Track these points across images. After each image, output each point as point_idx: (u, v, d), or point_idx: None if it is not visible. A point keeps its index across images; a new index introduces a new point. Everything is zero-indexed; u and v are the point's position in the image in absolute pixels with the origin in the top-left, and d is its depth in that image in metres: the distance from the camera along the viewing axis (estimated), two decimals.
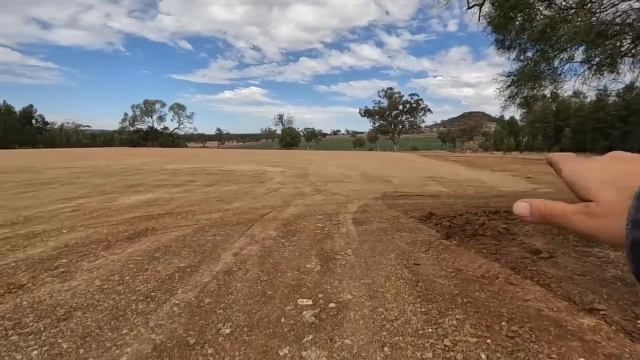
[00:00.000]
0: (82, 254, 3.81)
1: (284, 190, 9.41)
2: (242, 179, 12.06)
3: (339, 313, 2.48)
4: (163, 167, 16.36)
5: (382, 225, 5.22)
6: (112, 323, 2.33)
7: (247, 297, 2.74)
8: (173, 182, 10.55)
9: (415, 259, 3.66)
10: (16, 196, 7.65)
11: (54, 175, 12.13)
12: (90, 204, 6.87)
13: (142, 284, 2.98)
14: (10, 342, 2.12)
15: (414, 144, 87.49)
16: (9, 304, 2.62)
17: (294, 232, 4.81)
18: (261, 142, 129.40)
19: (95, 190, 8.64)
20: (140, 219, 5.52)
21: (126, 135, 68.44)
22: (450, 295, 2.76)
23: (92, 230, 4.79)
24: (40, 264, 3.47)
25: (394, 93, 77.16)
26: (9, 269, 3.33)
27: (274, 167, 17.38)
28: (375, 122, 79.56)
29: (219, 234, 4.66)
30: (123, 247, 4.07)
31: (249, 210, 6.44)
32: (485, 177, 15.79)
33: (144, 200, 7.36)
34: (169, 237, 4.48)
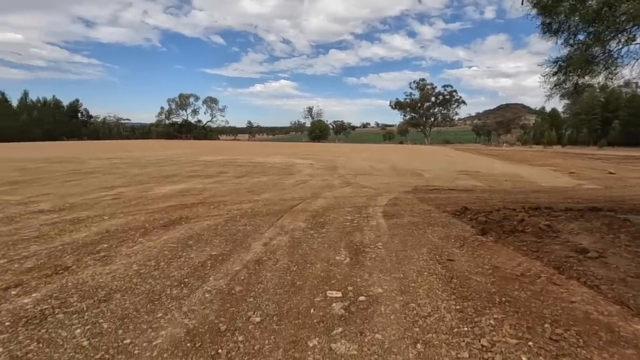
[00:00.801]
0: (122, 239, 3.99)
1: (312, 182, 9.41)
2: (271, 170, 12.20)
3: (369, 307, 2.42)
4: (196, 158, 16.88)
5: (413, 219, 5.08)
6: (148, 306, 2.41)
7: (276, 286, 2.75)
8: (205, 173, 10.85)
9: (448, 254, 3.51)
10: (63, 184, 8.17)
11: (96, 165, 12.85)
12: (129, 192, 7.20)
13: (176, 270, 3.07)
14: (57, 319, 2.24)
15: (446, 137, 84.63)
16: (56, 284, 2.79)
17: (323, 224, 4.79)
18: (290, 135, 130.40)
19: (133, 180, 9.06)
20: (175, 208, 5.71)
21: (162, 128, 71.33)
22: (487, 294, 2.62)
23: (131, 218, 5.01)
24: (84, 248, 3.67)
25: (426, 84, 74.87)
26: (56, 252, 3.55)
27: (303, 160, 17.45)
28: (406, 114, 77.69)
29: (249, 224, 4.73)
30: (159, 234, 4.22)
31: (279, 201, 6.49)
32: (523, 171, 15.01)
33: (178, 190, 7.62)
34: (202, 226, 4.59)
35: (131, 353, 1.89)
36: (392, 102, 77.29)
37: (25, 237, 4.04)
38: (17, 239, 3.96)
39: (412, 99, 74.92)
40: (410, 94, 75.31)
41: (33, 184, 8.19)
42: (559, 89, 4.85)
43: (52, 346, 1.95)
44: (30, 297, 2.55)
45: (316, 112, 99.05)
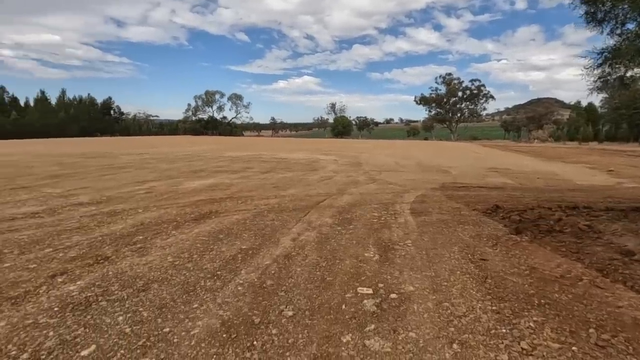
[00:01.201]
0: (156, 232, 4.13)
1: (337, 178, 9.40)
2: (296, 166, 12.28)
3: (401, 304, 2.39)
4: (222, 154, 17.24)
5: (442, 217, 4.97)
6: (184, 297, 2.49)
7: (307, 281, 2.76)
8: (231, 169, 11.06)
9: (481, 253, 3.41)
10: (99, 178, 8.57)
11: (128, 160, 13.38)
12: (160, 187, 7.46)
13: (209, 263, 3.15)
14: (100, 307, 2.36)
15: (473, 133, 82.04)
16: (98, 273, 2.93)
17: (350, 220, 4.77)
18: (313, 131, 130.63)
19: (163, 175, 9.37)
20: (205, 202, 5.85)
21: (189, 125, 73.34)
22: (525, 295, 2.52)
23: (163, 211, 5.18)
24: (121, 239, 3.83)
25: (453, 79, 72.78)
26: (96, 242, 3.73)
27: (326, 156, 17.46)
28: (432, 110, 75.94)
29: (277, 219, 4.78)
30: (190, 227, 4.34)
31: (304, 197, 6.52)
32: (556, 169, 14.35)
33: (206, 184, 7.81)
34: (231, 220, 4.69)
35: (171, 341, 1.96)
36: (417, 97, 75.79)
37: (68, 228, 4.26)
38: (60, 230, 4.19)
39: (437, 94, 73.13)
40: (436, 88, 73.52)
41: (71, 177, 8.63)
42: (603, 81, 4.57)
43: (97, 331, 2.05)
44: (75, 285, 2.69)
45: (339, 108, 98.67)
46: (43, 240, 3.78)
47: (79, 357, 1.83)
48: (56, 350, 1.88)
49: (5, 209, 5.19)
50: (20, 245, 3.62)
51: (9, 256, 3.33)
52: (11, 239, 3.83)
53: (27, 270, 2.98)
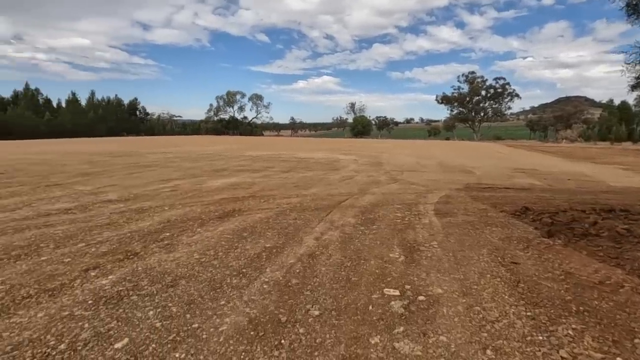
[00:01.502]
0: (182, 229, 4.22)
1: (358, 178, 9.33)
2: (316, 166, 12.28)
3: (430, 307, 2.33)
4: (242, 153, 17.48)
5: (468, 218, 4.83)
6: (211, 293, 2.52)
7: (332, 281, 2.74)
8: (253, 168, 11.19)
9: (512, 256, 3.29)
10: (126, 176, 8.85)
11: (153, 159, 13.77)
12: (184, 185, 7.62)
13: (234, 260, 3.18)
14: (132, 301, 2.42)
15: (496, 132, 79.62)
16: (128, 268, 3.01)
17: (373, 221, 4.72)
18: (332, 130, 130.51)
19: (187, 173, 9.57)
20: (228, 201, 5.93)
21: (211, 125, 74.86)
22: (561, 301, 2.40)
23: (188, 209, 5.28)
24: (149, 236, 3.93)
25: (476, 77, 70.91)
26: (126, 238, 3.84)
27: (346, 156, 17.39)
28: (453, 109, 74.27)
29: (299, 218, 4.78)
30: (215, 225, 4.41)
31: (326, 196, 6.50)
32: (588, 170, 13.73)
33: (229, 183, 7.92)
34: (254, 219, 4.73)
35: (200, 337, 1.98)
36: (439, 96, 74.34)
37: (99, 224, 4.42)
38: (92, 225, 4.34)
39: (460, 92, 71.49)
40: (459, 87, 71.86)
41: (101, 175, 8.96)
42: None
43: (129, 325, 2.10)
44: (107, 279, 2.77)
45: (359, 107, 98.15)
46: (76, 236, 3.93)
47: (112, 349, 1.88)
48: (91, 342, 1.94)
49: (41, 205, 5.43)
50: (56, 240, 3.77)
51: (46, 250, 3.47)
52: (47, 234, 4.00)
53: (62, 264, 3.10)
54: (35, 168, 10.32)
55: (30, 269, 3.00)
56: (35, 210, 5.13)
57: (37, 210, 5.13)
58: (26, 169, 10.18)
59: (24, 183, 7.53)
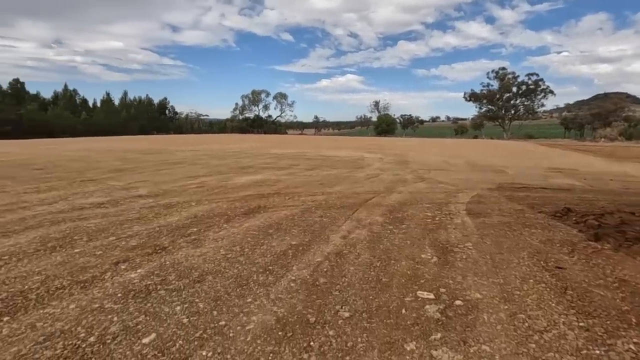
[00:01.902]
0: (208, 224, 4.22)
1: (384, 176, 9.13)
2: (340, 164, 12.15)
3: (469, 313, 2.17)
4: (267, 151, 17.60)
5: (504, 219, 4.57)
6: (238, 290, 2.47)
7: (361, 281, 2.63)
8: (278, 165, 11.21)
9: (556, 261, 3.05)
10: (156, 173, 9.08)
11: (182, 156, 14.10)
12: (211, 181, 7.71)
13: (260, 257, 3.12)
14: (159, 295, 2.40)
15: (528, 131, 76.23)
16: (156, 262, 3.02)
17: (401, 220, 4.55)
18: (356, 129, 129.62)
19: (213, 170, 9.71)
20: (253, 197, 5.93)
21: (236, 123, 76.24)
22: (618, 311, 2.17)
23: (214, 205, 5.31)
24: (177, 231, 3.95)
25: (507, 73, 68.13)
26: (154, 233, 3.88)
27: (371, 154, 17.13)
28: (482, 107, 71.76)
29: (325, 216, 4.69)
30: (240, 221, 4.39)
31: (352, 194, 6.37)
32: (632, 170, 12.81)
33: (254, 180, 7.95)
34: (279, 215, 4.68)
35: (227, 335, 1.92)
36: (467, 93, 72.04)
37: (129, 218, 4.50)
38: (122, 220, 4.44)
39: (489, 89, 68.97)
40: (488, 84, 69.24)
41: (132, 171, 9.24)
42: None
43: (157, 320, 2.08)
44: (136, 273, 2.79)
45: (383, 106, 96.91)
46: (108, 229, 4.02)
47: (140, 344, 1.85)
48: (120, 335, 1.92)
49: (76, 199, 5.63)
50: (89, 233, 3.87)
51: (79, 242, 3.56)
52: (81, 227, 4.11)
53: (94, 257, 3.16)
54: (72, 164, 10.81)
55: (64, 260, 3.07)
56: (70, 204, 5.32)
57: (72, 204, 5.32)
58: (64, 165, 10.67)
59: (61, 178, 7.87)
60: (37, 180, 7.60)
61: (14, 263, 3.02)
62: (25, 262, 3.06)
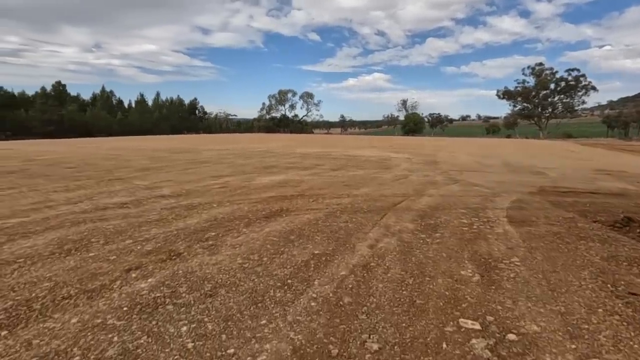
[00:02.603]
0: (227, 228, 4.01)
1: (413, 177, 8.65)
2: (366, 164, 11.75)
3: (526, 352, 1.78)
4: (293, 151, 17.44)
5: (553, 229, 4.05)
6: (252, 309, 2.20)
7: (392, 303, 2.29)
8: (302, 165, 10.97)
9: (627, 284, 2.56)
10: (182, 172, 9.08)
11: (209, 156, 14.19)
12: (234, 182, 7.58)
13: (279, 268, 2.85)
14: (167, 311, 2.18)
15: (567, 130, 71.87)
16: (169, 270, 2.82)
17: (434, 227, 4.14)
18: (383, 128, 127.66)
19: (238, 170, 9.61)
20: (275, 199, 5.69)
21: (263, 123, 77.13)
22: None
23: (236, 207, 5.11)
24: (194, 235, 3.77)
25: (544, 69, 64.52)
26: (172, 237, 3.71)
27: (398, 154, 16.57)
28: (517, 104, 68.39)
29: (350, 221, 4.36)
30: (261, 225, 4.15)
31: (379, 197, 6.00)
32: None
33: (277, 181, 7.73)
34: (302, 220, 4.40)
35: None
36: (500, 91, 68.93)
37: (149, 220, 4.38)
38: (142, 221, 4.32)
39: (525, 86, 65.66)
40: (523, 81, 65.94)
41: (159, 171, 9.30)
42: None
43: (159, 343, 1.84)
44: (146, 282, 2.59)
45: (411, 104, 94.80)
46: (126, 231, 3.90)
47: None
48: None
49: (101, 199, 5.62)
50: (106, 235, 3.76)
51: (95, 245, 3.44)
52: (100, 228, 4.02)
53: (107, 262, 3.01)
54: (104, 163, 11.09)
55: (77, 265, 2.94)
56: (94, 203, 5.30)
57: (96, 203, 5.30)
58: (96, 163, 10.97)
59: (90, 177, 8.01)
60: (67, 178, 7.77)
61: (27, 267, 2.92)
62: (39, 265, 2.95)
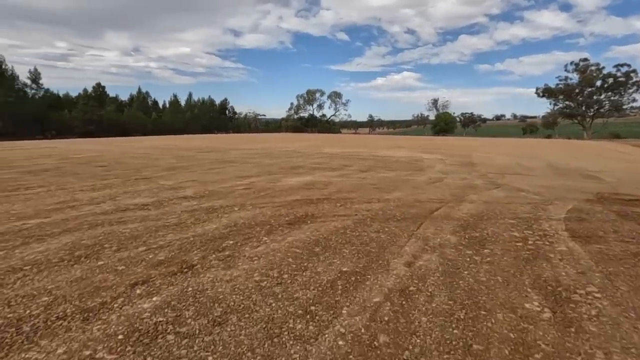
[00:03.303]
0: (247, 236, 3.66)
1: (449, 181, 7.99)
2: (397, 165, 11.15)
3: None
4: (320, 151, 17.07)
5: (630, 248, 3.38)
6: (266, 346, 1.81)
7: (441, 346, 1.81)
8: (329, 166, 10.55)
9: None
10: (207, 172, 8.94)
11: (235, 155, 14.11)
12: (259, 182, 7.29)
13: (301, 290, 2.45)
14: (167, 343, 1.83)
15: (614, 130, 66.70)
16: (178, 287, 2.49)
17: (481, 241, 3.59)
18: (412, 128, 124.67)
19: (264, 170, 9.34)
20: (300, 203, 5.32)
21: (291, 122, 77.50)
22: None
23: (258, 211, 4.78)
24: (211, 243, 3.45)
25: (589, 65, 60.20)
26: (187, 244, 3.42)
27: (430, 154, 15.75)
28: (558, 103, 64.29)
29: (382, 231, 3.89)
30: (284, 233, 3.77)
31: (413, 203, 5.47)
32: None
33: (303, 182, 7.36)
34: (329, 228, 3.98)
35: None
36: (539, 89, 65.01)
37: (167, 224, 4.13)
38: (159, 225, 4.07)
39: (567, 83, 61.59)
40: (566, 77, 61.85)
41: (185, 170, 9.21)
42: None
43: None
44: (150, 302, 2.27)
45: (442, 103, 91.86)
46: (141, 237, 3.65)
47: None
48: None
49: (123, 199, 5.48)
50: (120, 240, 3.52)
51: (107, 252, 3.20)
52: (116, 232, 3.80)
53: (114, 273, 2.73)
54: (134, 162, 11.22)
55: (82, 276, 2.69)
56: (116, 204, 5.16)
57: (117, 204, 5.15)
58: (126, 162, 11.11)
59: (118, 176, 8.02)
60: (96, 177, 7.80)
61: (32, 276, 2.70)
62: (44, 274, 2.73)
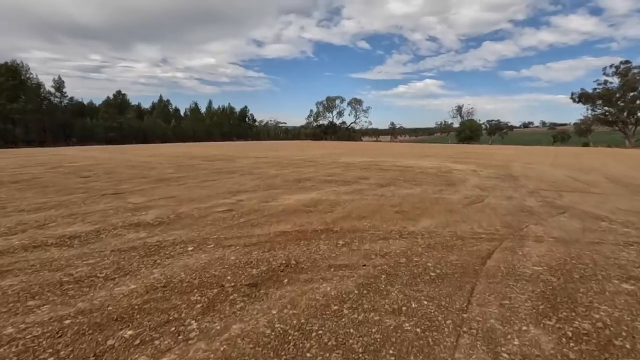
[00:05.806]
0: (166, 319, 2.10)
1: (492, 200, 6.17)
2: (423, 177, 9.36)
3: None
4: (336, 159, 15.46)
5: None
6: None
7: None
8: (343, 178, 8.91)
9: None
10: (196, 185, 7.52)
11: (242, 164, 12.72)
12: (248, 201, 5.77)
13: None
14: None
15: None
16: None
17: (602, 345, 1.86)
18: (435, 136, 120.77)
19: (263, 184, 7.83)
20: (287, 239, 3.73)
21: (310, 130, 76.21)
22: None
23: (218, 254, 3.23)
24: (105, 329, 1.92)
25: (632, 67, 55.71)
26: (39, 344, 1.90)
27: (460, 165, 13.78)
28: (596, 109, 59.79)
29: (409, 309, 2.23)
30: (231, 312, 2.19)
31: (450, 239, 3.77)
32: None
33: (304, 202, 5.77)
34: (313, 299, 2.36)
35: None
36: (575, 94, 60.73)
37: (63, 280, 2.67)
38: (50, 282, 2.62)
39: (607, 88, 57.28)
40: (605, 81, 57.58)
41: (173, 183, 7.85)
42: None
43: None
44: None
45: (466, 110, 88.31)
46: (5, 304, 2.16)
47: None
48: None
49: (57, 226, 4.11)
50: None
51: None
52: None
53: None
54: (124, 172, 10.01)
55: None
56: (37, 235, 3.77)
57: (40, 235, 3.76)
58: (116, 172, 9.92)
59: (88, 190, 6.72)
60: (61, 192, 6.52)
61: None
62: None
